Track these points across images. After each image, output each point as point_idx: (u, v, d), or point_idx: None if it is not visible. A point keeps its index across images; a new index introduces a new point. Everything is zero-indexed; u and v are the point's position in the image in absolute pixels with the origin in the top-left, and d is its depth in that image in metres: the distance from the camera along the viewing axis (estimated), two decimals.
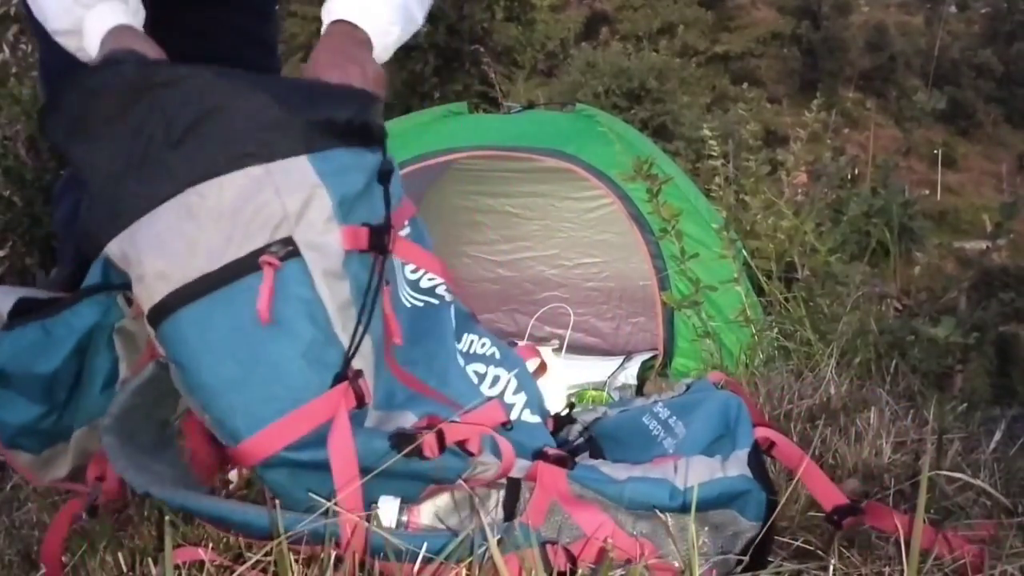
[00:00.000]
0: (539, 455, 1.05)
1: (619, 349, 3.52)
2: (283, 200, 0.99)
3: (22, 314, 1.17)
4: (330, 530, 0.92)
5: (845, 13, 36.05)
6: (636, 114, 11.60)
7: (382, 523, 0.97)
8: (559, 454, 1.06)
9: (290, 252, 0.98)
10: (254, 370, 0.96)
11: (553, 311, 3.46)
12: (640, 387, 3.03)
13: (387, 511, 0.98)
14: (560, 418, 1.31)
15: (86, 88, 1.06)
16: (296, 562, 0.91)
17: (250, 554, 0.92)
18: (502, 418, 1.07)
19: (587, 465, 1.07)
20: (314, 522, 0.92)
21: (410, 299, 1.20)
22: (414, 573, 0.90)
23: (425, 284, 1.23)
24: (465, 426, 1.01)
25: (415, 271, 1.23)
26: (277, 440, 0.94)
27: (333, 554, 0.91)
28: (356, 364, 1.00)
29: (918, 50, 34.68)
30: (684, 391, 1.28)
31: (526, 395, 1.24)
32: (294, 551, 0.91)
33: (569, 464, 1.04)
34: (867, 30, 35.82)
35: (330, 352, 0.99)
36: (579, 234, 3.74)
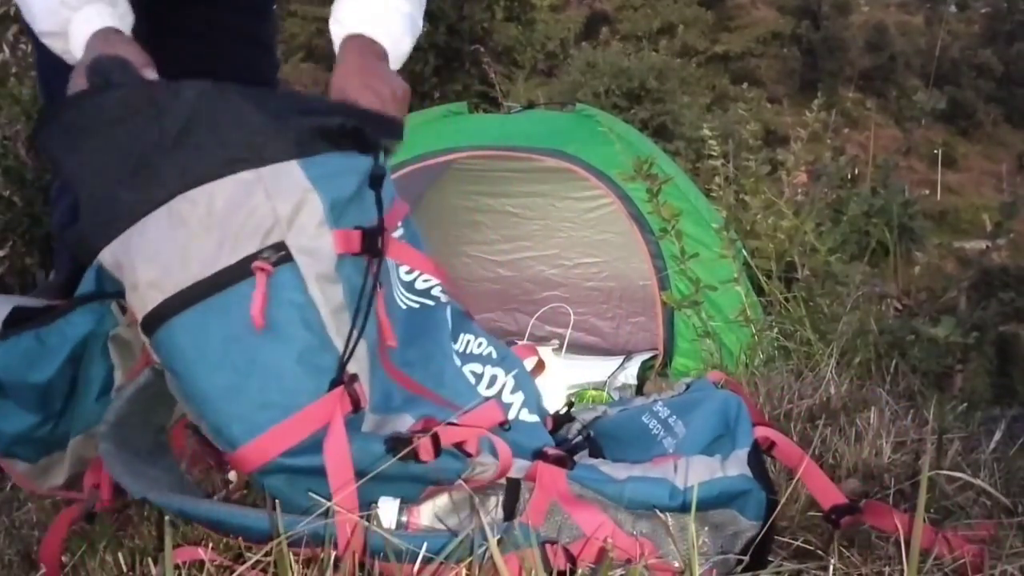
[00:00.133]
0: (539, 455, 1.05)
1: (619, 349, 3.52)
2: (274, 205, 0.99)
3: (16, 323, 1.16)
4: (329, 531, 0.92)
5: (845, 13, 36.05)
6: (636, 114, 11.59)
7: (382, 524, 0.97)
8: (558, 454, 1.06)
9: (282, 257, 0.98)
10: (249, 377, 0.96)
11: (553, 311, 3.46)
12: (640, 387, 3.03)
13: (387, 512, 0.98)
14: (559, 417, 1.31)
15: (80, 105, 1.06)
16: (296, 562, 0.91)
17: (250, 554, 0.92)
18: (500, 418, 1.07)
19: (587, 465, 1.07)
20: (312, 524, 0.91)
21: (405, 300, 1.20)
22: (414, 573, 0.90)
23: (420, 285, 1.23)
24: (462, 428, 1.01)
25: (409, 272, 1.23)
26: (274, 446, 0.94)
27: (333, 554, 0.91)
28: (351, 368, 0.99)
29: (918, 50, 34.67)
30: (684, 390, 1.28)
31: (524, 394, 1.24)
32: (294, 553, 0.91)
33: (569, 464, 1.04)
34: (867, 30, 35.81)
35: (325, 357, 0.98)
36: (579, 234, 3.74)
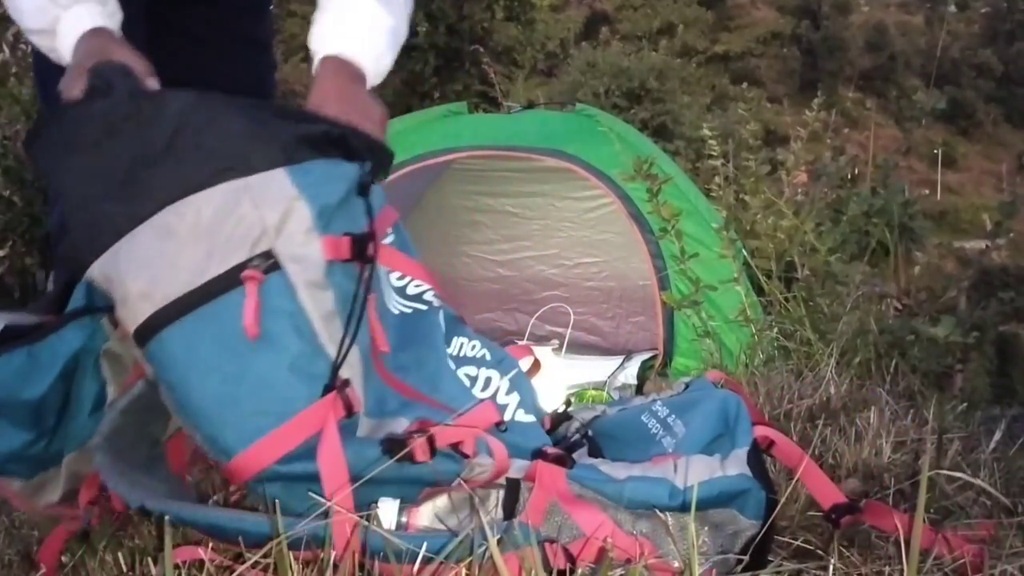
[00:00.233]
0: (538, 454, 1.05)
1: (619, 348, 3.52)
2: (262, 213, 0.99)
3: (7, 340, 1.15)
4: (328, 533, 0.92)
5: (845, 13, 36.04)
6: (636, 114, 11.58)
7: (382, 524, 0.97)
8: (558, 453, 1.06)
9: (271, 265, 0.98)
10: (241, 386, 0.96)
11: (553, 310, 3.46)
12: (640, 386, 3.03)
13: (387, 512, 0.98)
14: (557, 416, 1.31)
15: (65, 120, 1.06)
16: (295, 562, 0.91)
17: (250, 554, 0.92)
18: (495, 418, 1.07)
19: (586, 464, 1.06)
20: (310, 525, 0.91)
21: (397, 306, 1.19)
22: (414, 573, 0.90)
23: (412, 290, 1.23)
24: (457, 428, 1.00)
25: (401, 278, 1.23)
26: (268, 454, 0.94)
27: (333, 554, 0.91)
28: (344, 373, 0.99)
29: (918, 50, 34.67)
30: (683, 390, 1.28)
31: (519, 395, 1.24)
32: (293, 555, 0.91)
33: (568, 463, 1.04)
34: (867, 30, 35.80)
35: (317, 363, 0.98)
36: (579, 234, 3.75)
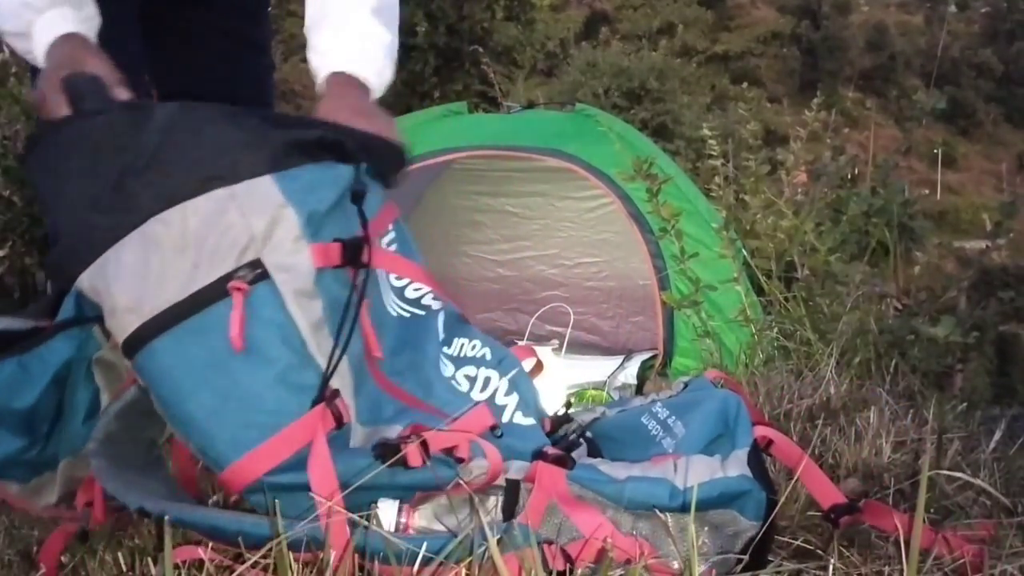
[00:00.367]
0: (539, 455, 1.05)
1: (619, 348, 3.52)
2: (249, 222, 0.98)
3: None
4: (326, 535, 0.92)
5: (845, 12, 36.05)
6: (636, 114, 11.58)
7: (382, 525, 0.97)
8: (558, 454, 1.05)
9: (259, 275, 0.97)
10: (230, 398, 0.95)
11: (553, 310, 3.46)
12: (640, 386, 3.03)
13: (387, 513, 0.98)
14: (557, 419, 1.30)
15: (62, 131, 1.06)
16: (295, 562, 0.91)
17: (250, 554, 0.92)
18: (490, 423, 1.06)
19: (586, 464, 1.06)
20: (309, 526, 0.91)
21: (396, 308, 1.18)
22: (413, 574, 0.90)
23: (411, 295, 1.22)
24: (451, 433, 1.00)
25: (399, 278, 1.21)
26: (258, 466, 0.94)
27: (333, 554, 0.91)
28: (334, 383, 0.99)
29: (918, 50, 34.67)
30: (682, 389, 1.27)
31: (518, 396, 1.22)
32: (292, 556, 0.91)
33: (569, 464, 1.03)
34: (867, 29, 35.81)
35: (306, 374, 0.98)
36: (579, 233, 3.75)
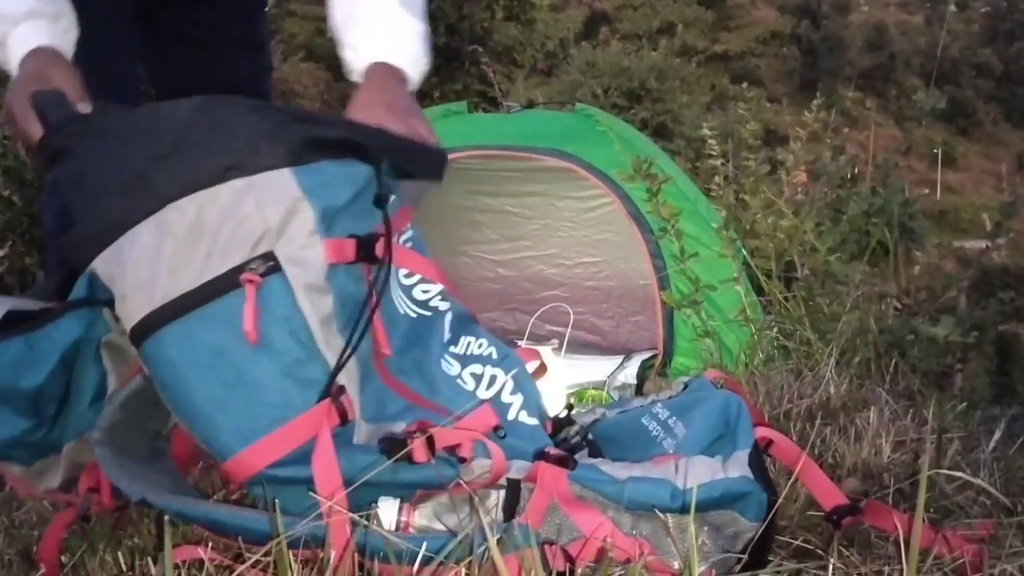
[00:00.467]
0: (540, 455, 1.05)
1: (619, 348, 3.52)
2: (264, 214, 0.97)
3: (7, 327, 1.15)
4: (327, 533, 0.92)
5: (845, 12, 36.05)
6: (636, 113, 11.60)
7: (382, 524, 0.97)
8: (560, 454, 1.05)
9: (271, 267, 0.97)
10: (236, 389, 0.95)
11: (553, 310, 3.46)
12: (640, 386, 3.03)
13: (387, 512, 0.98)
14: (559, 421, 1.30)
15: (86, 123, 1.08)
16: (295, 562, 0.91)
17: (250, 554, 0.92)
18: (494, 422, 1.06)
19: (587, 465, 1.06)
20: (310, 525, 0.91)
21: (404, 307, 1.18)
22: (413, 574, 0.90)
23: (419, 296, 1.21)
24: (455, 431, 1.00)
25: (409, 276, 1.21)
26: (261, 458, 0.94)
27: (333, 554, 0.91)
28: (340, 379, 0.98)
29: (918, 49, 34.66)
30: (682, 390, 1.27)
31: (523, 396, 1.23)
32: (292, 554, 0.91)
33: (571, 464, 1.03)
34: (867, 29, 35.80)
35: (313, 369, 0.98)
36: (579, 233, 3.74)
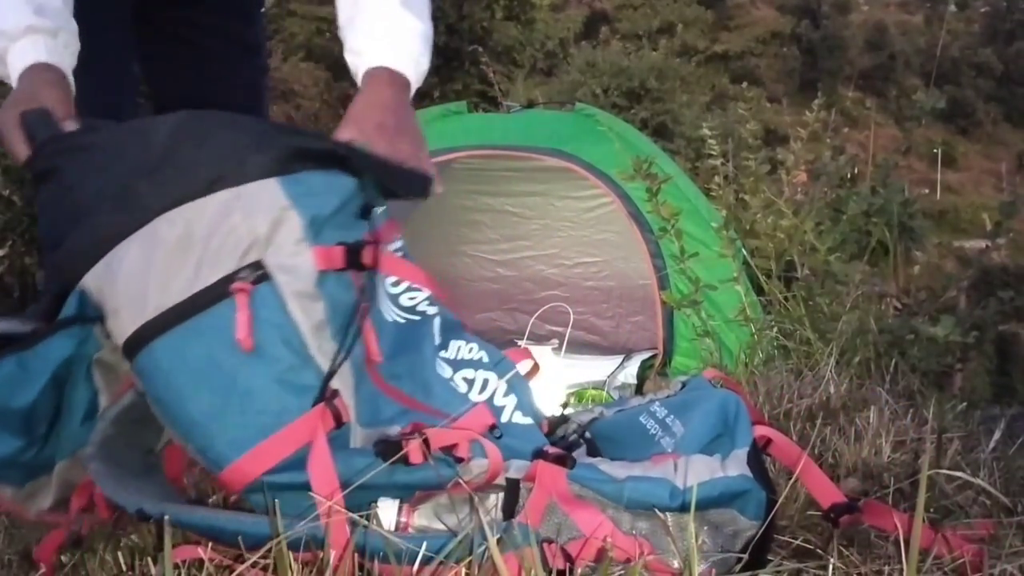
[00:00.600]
0: (539, 454, 1.05)
1: (619, 348, 3.52)
2: (252, 223, 0.98)
3: None
4: (326, 535, 0.92)
5: (845, 12, 36.03)
6: (636, 113, 11.60)
7: (382, 524, 0.97)
8: (559, 453, 1.05)
9: (260, 276, 0.98)
10: (230, 398, 0.95)
11: (553, 310, 3.46)
12: (640, 386, 3.03)
13: (386, 512, 0.98)
14: (555, 420, 1.30)
15: (70, 141, 1.08)
16: (295, 562, 0.91)
17: (250, 554, 0.92)
18: (490, 422, 1.06)
19: (586, 464, 1.06)
20: (309, 526, 0.91)
21: (392, 314, 1.18)
22: (413, 574, 0.90)
23: (405, 303, 1.21)
24: (452, 431, 1.00)
25: (395, 285, 1.21)
26: (257, 465, 0.94)
27: (333, 554, 0.91)
28: (333, 383, 0.99)
29: (918, 49, 34.65)
30: (680, 389, 1.27)
31: (516, 397, 1.23)
32: (292, 555, 0.91)
33: (569, 463, 1.03)
34: (867, 29, 35.79)
35: (306, 375, 0.98)
36: (579, 233, 3.74)
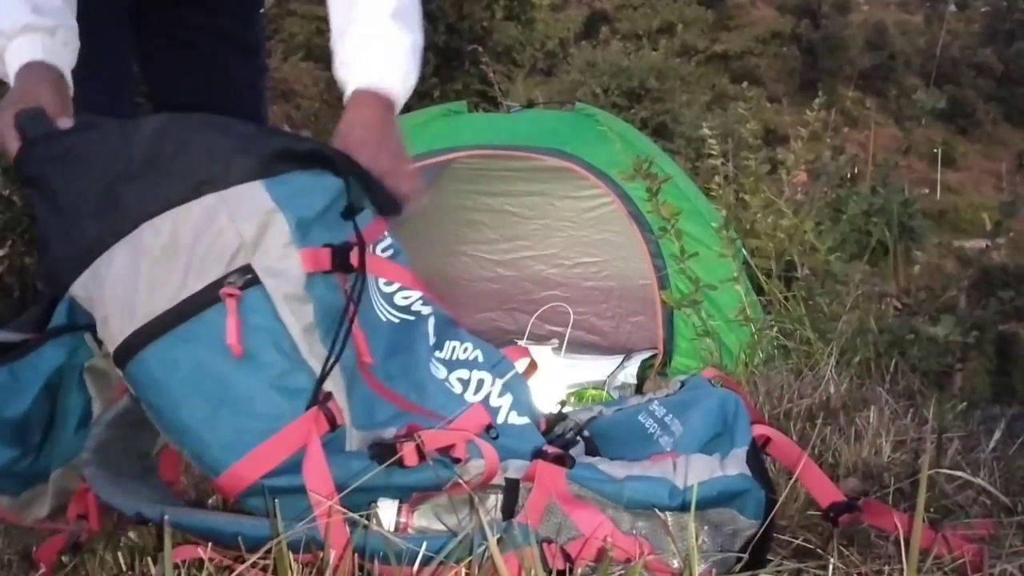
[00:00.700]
0: (539, 454, 1.05)
1: (619, 348, 3.52)
2: (239, 227, 0.98)
3: None
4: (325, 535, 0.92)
5: (845, 12, 36.07)
6: (636, 113, 11.61)
7: (382, 524, 0.97)
8: (559, 453, 1.05)
9: (249, 280, 0.97)
10: (223, 404, 0.95)
11: (553, 310, 3.46)
12: (640, 386, 3.03)
13: (386, 513, 0.98)
14: (552, 418, 1.30)
15: (48, 142, 1.07)
16: (295, 562, 0.91)
17: (249, 554, 0.92)
18: (486, 422, 1.06)
19: (586, 464, 1.06)
20: (309, 527, 0.91)
21: (386, 313, 1.18)
22: (413, 574, 0.90)
23: (400, 302, 1.21)
24: (447, 432, 1.00)
25: (389, 284, 1.21)
26: (254, 470, 0.94)
27: (332, 554, 0.91)
28: (326, 386, 0.99)
29: (918, 49, 34.67)
30: (679, 388, 1.27)
31: (512, 397, 1.22)
32: (292, 556, 0.91)
33: (569, 463, 1.03)
34: (867, 29, 35.81)
35: (298, 378, 0.98)
36: (579, 233, 3.74)
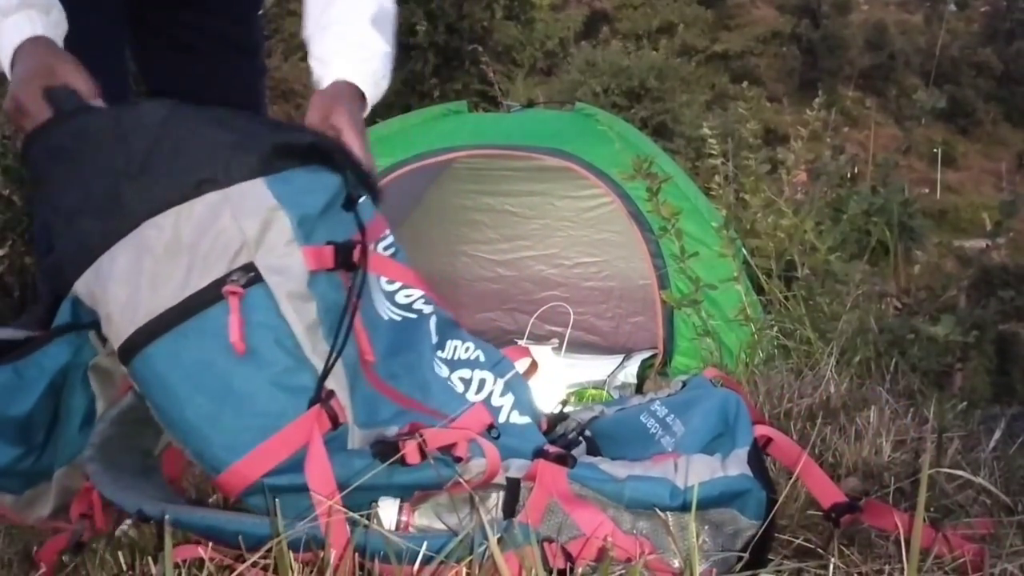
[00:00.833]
0: (540, 454, 1.05)
1: (619, 348, 3.52)
2: (241, 225, 0.98)
3: None
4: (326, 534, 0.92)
5: (845, 12, 36.05)
6: (636, 113, 11.59)
7: (383, 524, 0.97)
8: (560, 452, 1.05)
9: (252, 278, 0.98)
10: (226, 402, 0.96)
11: (553, 310, 3.46)
12: (640, 385, 3.03)
13: (387, 512, 0.98)
14: (553, 418, 1.30)
15: (55, 131, 1.06)
16: (296, 560, 0.91)
17: (250, 554, 0.92)
18: (488, 421, 1.06)
19: (587, 463, 1.06)
20: (310, 526, 0.91)
21: (388, 312, 1.18)
22: (414, 574, 0.90)
23: (401, 300, 1.21)
24: (449, 431, 1.00)
25: (391, 283, 1.21)
26: (255, 468, 0.94)
27: (333, 554, 0.91)
28: (328, 384, 0.99)
29: (918, 48, 34.65)
30: (681, 388, 1.28)
31: (514, 396, 1.23)
32: (292, 555, 0.91)
33: (570, 463, 1.03)
34: (867, 28, 35.80)
35: (301, 376, 0.98)
36: (579, 233, 3.75)
